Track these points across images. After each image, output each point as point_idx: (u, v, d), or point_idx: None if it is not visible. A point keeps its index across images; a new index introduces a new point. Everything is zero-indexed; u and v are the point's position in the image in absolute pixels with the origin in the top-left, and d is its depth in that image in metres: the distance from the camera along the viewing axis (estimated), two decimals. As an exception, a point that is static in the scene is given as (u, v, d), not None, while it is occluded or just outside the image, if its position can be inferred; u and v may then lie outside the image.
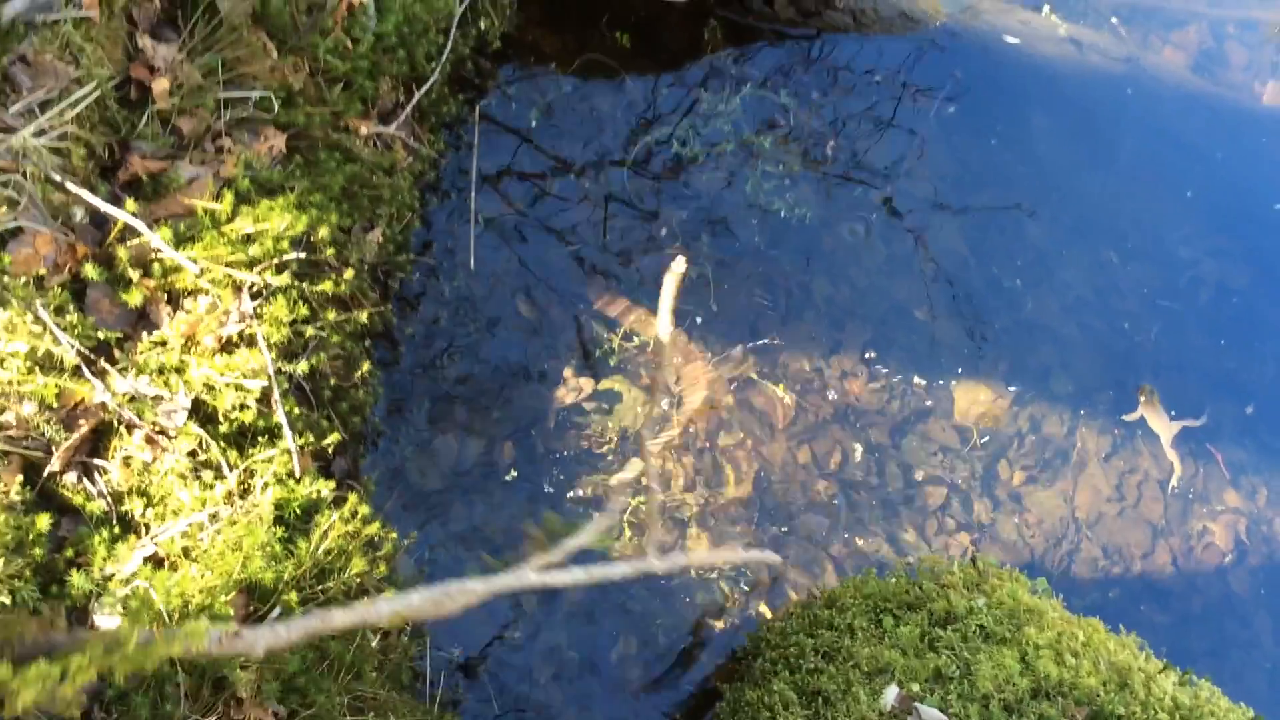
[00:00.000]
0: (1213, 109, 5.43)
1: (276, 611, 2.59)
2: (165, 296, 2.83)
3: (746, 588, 3.71)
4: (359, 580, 2.76)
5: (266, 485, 2.73)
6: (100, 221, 2.85)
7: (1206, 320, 4.81)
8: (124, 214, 2.70)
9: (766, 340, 4.13)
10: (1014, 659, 2.72)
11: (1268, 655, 4.25)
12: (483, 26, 4.14)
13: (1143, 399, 4.49)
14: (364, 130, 3.43)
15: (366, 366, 3.30)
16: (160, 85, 2.98)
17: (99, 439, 2.65)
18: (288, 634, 1.45)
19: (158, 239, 2.72)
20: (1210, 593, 4.30)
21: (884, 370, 4.23)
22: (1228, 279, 4.93)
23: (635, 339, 3.98)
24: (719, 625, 3.63)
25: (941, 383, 4.28)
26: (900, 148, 4.70)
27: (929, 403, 4.23)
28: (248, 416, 2.77)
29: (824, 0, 4.75)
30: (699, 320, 4.08)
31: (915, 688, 2.71)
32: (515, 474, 3.68)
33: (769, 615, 3.67)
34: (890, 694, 2.72)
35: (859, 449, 4.05)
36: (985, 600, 2.94)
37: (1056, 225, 4.79)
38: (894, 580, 3.23)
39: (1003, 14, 5.23)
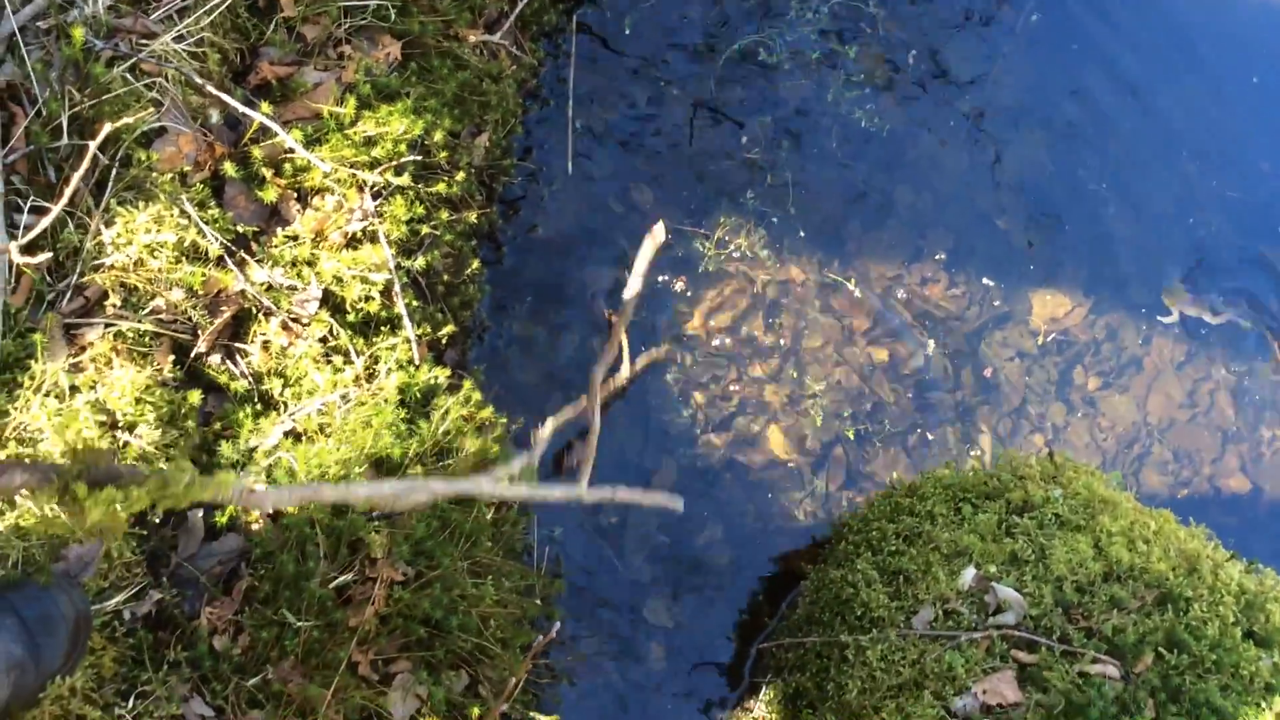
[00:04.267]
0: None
1: (404, 484, 2.83)
2: (295, 194, 3.03)
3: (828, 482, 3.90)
4: (475, 458, 2.99)
5: (390, 370, 2.95)
6: (234, 123, 3.06)
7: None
8: (261, 116, 2.89)
9: (848, 245, 4.26)
10: (1088, 545, 2.87)
11: (1332, 561, 4.36)
12: (580, -66, 4.24)
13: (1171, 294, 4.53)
14: (472, 39, 3.57)
15: (475, 264, 3.50)
16: (286, -7, 3.15)
17: (240, 324, 2.89)
18: (289, 496, 1.66)
19: (291, 140, 2.91)
20: (1277, 498, 4.40)
21: (963, 277, 4.33)
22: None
23: (729, 245, 4.13)
24: (800, 515, 3.83)
25: (1020, 290, 4.38)
26: (985, 57, 4.74)
27: (1007, 309, 4.33)
28: (372, 307, 2.99)
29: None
30: (775, 221, 4.21)
31: (992, 569, 2.89)
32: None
33: (848, 505, 3.86)
34: (968, 575, 2.90)
35: (936, 352, 4.18)
36: (1061, 491, 3.09)
37: (1138, 136, 4.81)
38: (972, 472, 3.39)
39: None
